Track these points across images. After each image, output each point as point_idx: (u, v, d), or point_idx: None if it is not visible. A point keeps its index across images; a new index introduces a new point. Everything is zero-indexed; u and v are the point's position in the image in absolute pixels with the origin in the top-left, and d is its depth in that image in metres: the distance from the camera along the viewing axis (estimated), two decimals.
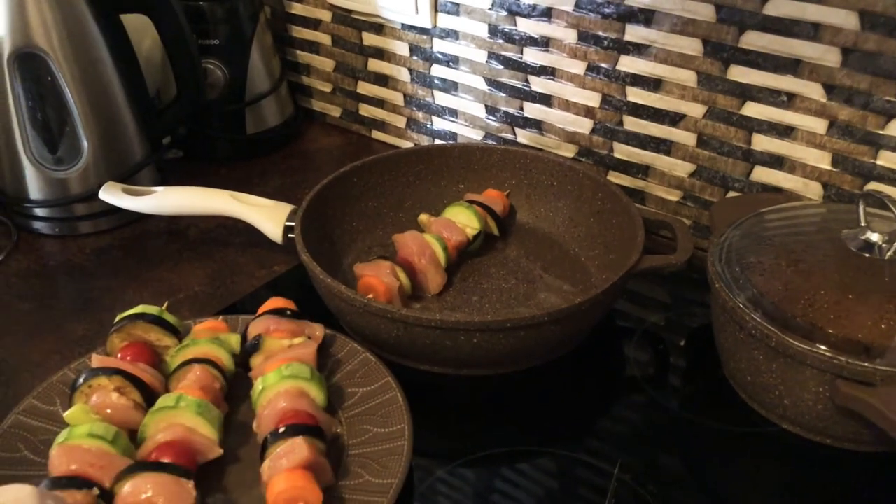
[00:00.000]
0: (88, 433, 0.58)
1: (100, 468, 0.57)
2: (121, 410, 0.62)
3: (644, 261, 0.73)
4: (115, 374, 0.63)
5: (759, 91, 0.80)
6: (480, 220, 0.85)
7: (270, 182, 1.04)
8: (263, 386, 0.63)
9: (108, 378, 0.63)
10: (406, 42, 1.05)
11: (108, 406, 0.62)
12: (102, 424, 0.59)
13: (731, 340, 0.68)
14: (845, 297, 0.63)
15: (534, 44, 0.93)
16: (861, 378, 0.59)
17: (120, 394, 0.63)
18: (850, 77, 0.75)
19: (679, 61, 0.83)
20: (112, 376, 0.63)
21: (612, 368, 0.76)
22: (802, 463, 0.66)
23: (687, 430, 0.69)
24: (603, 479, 0.63)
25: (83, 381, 0.63)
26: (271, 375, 0.63)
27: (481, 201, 0.87)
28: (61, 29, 0.86)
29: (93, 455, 0.57)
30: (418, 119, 1.10)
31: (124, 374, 0.63)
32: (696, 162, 0.88)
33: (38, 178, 0.90)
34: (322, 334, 0.70)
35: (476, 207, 0.86)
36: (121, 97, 0.92)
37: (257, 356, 0.68)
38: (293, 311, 0.70)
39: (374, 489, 0.59)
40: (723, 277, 0.67)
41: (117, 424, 0.61)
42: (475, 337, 0.67)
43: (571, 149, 0.97)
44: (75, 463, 0.57)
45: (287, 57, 1.19)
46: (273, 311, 0.70)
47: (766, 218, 0.74)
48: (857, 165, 0.78)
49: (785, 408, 0.66)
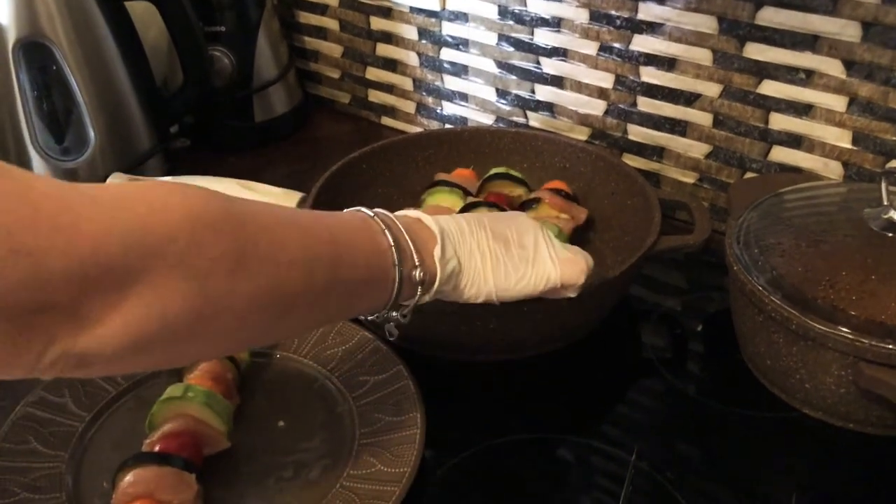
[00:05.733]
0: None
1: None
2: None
3: (661, 242, 0.72)
4: None
5: (777, 69, 0.78)
6: (464, 200, 0.84)
7: (279, 170, 1.03)
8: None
9: None
10: (415, 25, 1.03)
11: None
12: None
13: (750, 324, 0.67)
14: (868, 277, 0.61)
15: (545, 24, 0.91)
16: (885, 361, 0.58)
17: None
18: (871, 52, 0.72)
19: (694, 39, 0.82)
20: None
21: (628, 354, 0.75)
22: (824, 448, 0.65)
23: (705, 416, 0.68)
24: (620, 466, 0.62)
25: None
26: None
27: (454, 181, 0.86)
28: (66, 18, 0.86)
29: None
30: (428, 104, 1.08)
31: None
32: (712, 143, 0.86)
33: (46, 169, 0.90)
34: (584, 217, 0.82)
35: (456, 188, 0.84)
36: (127, 86, 0.92)
37: (530, 212, 0.80)
38: (567, 193, 0.83)
39: (387, 478, 0.58)
40: (741, 259, 0.66)
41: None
42: (492, 322, 0.66)
43: (584, 131, 0.95)
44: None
45: (294, 43, 1.17)
46: (553, 189, 0.83)
47: (784, 198, 0.72)
48: (879, 143, 0.76)
49: (806, 392, 0.64)
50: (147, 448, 0.59)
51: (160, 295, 0.39)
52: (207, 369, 0.65)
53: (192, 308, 0.41)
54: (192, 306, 0.41)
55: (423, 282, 0.53)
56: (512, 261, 0.57)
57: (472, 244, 0.56)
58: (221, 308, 0.42)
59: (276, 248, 0.45)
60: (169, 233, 0.39)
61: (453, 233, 0.56)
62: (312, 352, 0.71)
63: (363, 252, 0.51)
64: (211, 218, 0.42)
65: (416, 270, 0.53)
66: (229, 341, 0.47)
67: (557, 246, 0.60)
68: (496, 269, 0.57)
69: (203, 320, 0.42)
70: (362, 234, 0.51)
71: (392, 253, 0.51)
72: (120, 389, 0.67)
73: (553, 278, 0.58)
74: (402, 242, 0.52)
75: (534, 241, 0.59)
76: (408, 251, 0.53)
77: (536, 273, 0.58)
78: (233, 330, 0.44)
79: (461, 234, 0.56)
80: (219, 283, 0.41)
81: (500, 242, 0.57)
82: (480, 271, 0.56)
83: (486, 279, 0.56)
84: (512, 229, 0.59)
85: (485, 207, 0.80)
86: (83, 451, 0.62)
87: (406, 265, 0.52)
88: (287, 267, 0.45)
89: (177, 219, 0.40)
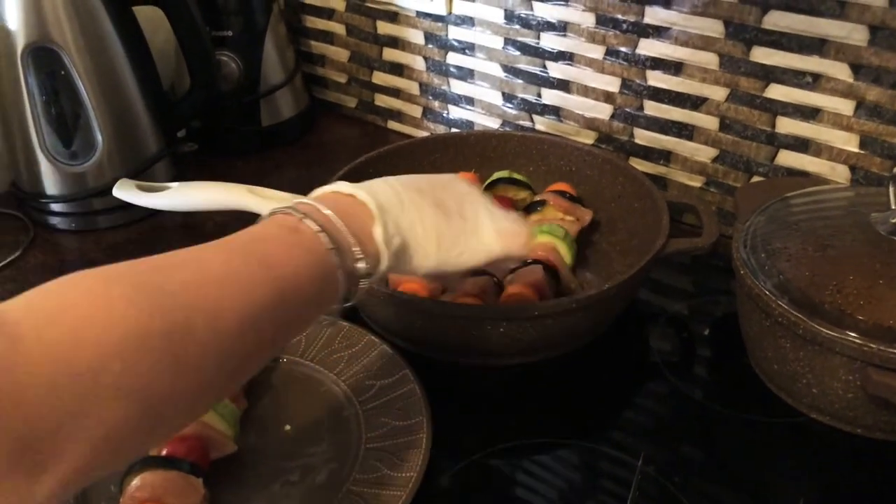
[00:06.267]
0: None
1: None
2: None
3: (670, 244, 0.71)
4: None
5: (784, 72, 0.78)
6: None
7: (286, 174, 1.04)
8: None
9: None
10: (421, 30, 1.03)
11: None
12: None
13: (757, 328, 0.66)
14: (876, 282, 0.61)
15: (551, 28, 0.91)
16: (893, 366, 0.57)
17: None
18: (878, 56, 0.72)
19: (700, 43, 0.81)
20: None
21: (635, 358, 0.75)
22: (832, 454, 0.64)
23: (712, 420, 0.68)
24: (627, 470, 0.61)
25: None
26: (534, 229, 0.77)
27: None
28: (74, 23, 0.86)
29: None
30: (434, 108, 1.08)
31: None
32: (718, 147, 0.86)
33: (54, 174, 0.90)
34: (590, 219, 0.83)
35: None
36: (134, 91, 0.92)
37: (535, 215, 0.82)
38: (571, 195, 0.83)
39: (393, 483, 0.58)
40: (748, 264, 0.66)
41: None
42: (502, 326, 0.66)
43: (591, 135, 0.95)
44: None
45: (301, 48, 1.18)
46: (557, 191, 0.84)
47: (791, 202, 0.72)
48: (887, 147, 0.75)
49: (813, 397, 0.64)
50: (154, 452, 0.59)
51: (107, 423, 0.36)
52: None
53: (143, 420, 0.38)
54: (143, 418, 0.38)
55: (370, 271, 0.51)
56: (453, 232, 0.56)
57: (413, 216, 0.54)
58: (172, 404, 0.40)
59: (215, 323, 0.41)
60: (101, 363, 0.36)
61: (392, 206, 0.53)
62: (319, 356, 0.71)
63: (304, 269, 0.47)
64: (139, 326, 0.38)
65: (359, 263, 0.50)
66: (189, 416, 0.45)
67: (498, 216, 0.59)
68: (440, 241, 0.55)
69: (156, 422, 0.40)
70: (298, 248, 0.48)
71: (332, 256, 0.48)
72: None
73: (495, 251, 0.58)
74: (340, 241, 0.49)
75: (474, 212, 0.57)
76: (347, 246, 0.49)
77: (478, 245, 0.57)
78: (187, 411, 0.43)
79: (401, 206, 0.53)
80: (165, 386, 0.39)
81: (441, 213, 0.55)
82: (423, 245, 0.54)
83: (427, 253, 0.54)
84: (451, 197, 0.57)
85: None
86: None
87: (348, 262, 0.49)
88: (229, 337, 0.42)
89: (106, 342, 0.37)
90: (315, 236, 0.48)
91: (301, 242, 0.48)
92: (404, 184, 0.55)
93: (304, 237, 0.48)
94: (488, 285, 0.72)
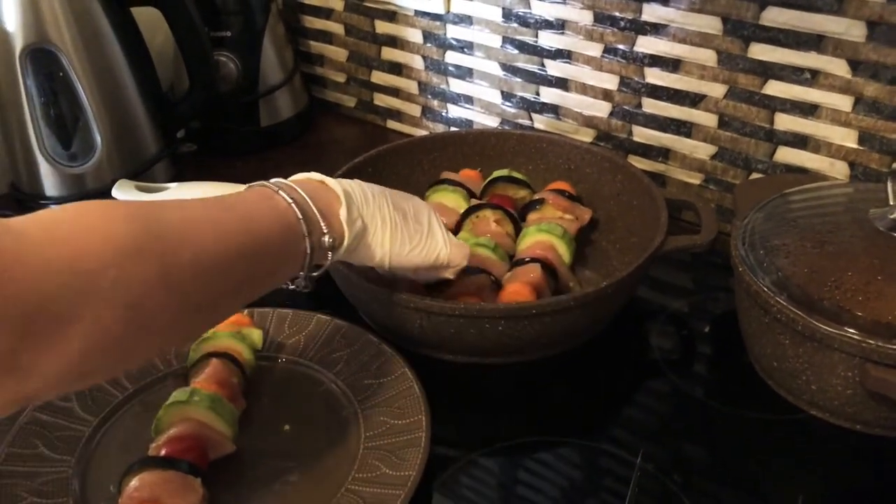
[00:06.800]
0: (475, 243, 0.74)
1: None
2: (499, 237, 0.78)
3: (668, 242, 0.71)
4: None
5: (782, 69, 0.78)
6: (467, 201, 0.84)
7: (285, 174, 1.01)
8: (526, 233, 0.78)
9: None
10: (419, 29, 1.03)
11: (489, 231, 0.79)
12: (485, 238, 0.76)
13: (756, 325, 0.66)
14: (874, 278, 0.60)
15: (549, 27, 0.91)
16: (892, 362, 0.57)
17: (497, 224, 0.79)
18: (877, 51, 0.72)
19: (698, 40, 0.81)
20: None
21: (635, 356, 0.75)
22: (831, 450, 0.64)
23: (712, 417, 0.68)
24: (627, 468, 0.61)
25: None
26: (533, 227, 0.78)
27: (459, 181, 0.86)
28: (73, 24, 0.86)
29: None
30: (433, 107, 1.08)
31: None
32: (717, 144, 0.86)
33: (53, 175, 0.90)
34: (589, 218, 0.83)
35: (460, 188, 0.84)
36: (133, 91, 0.92)
37: (534, 213, 0.81)
38: (570, 194, 0.83)
39: (392, 481, 0.58)
40: (746, 261, 0.65)
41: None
42: (500, 324, 0.66)
43: (590, 133, 0.95)
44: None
45: (300, 47, 1.18)
46: (557, 189, 0.83)
47: (790, 199, 0.72)
48: (885, 143, 0.75)
49: (812, 393, 0.64)
50: (153, 452, 0.59)
51: (99, 325, 0.40)
52: (212, 374, 0.65)
53: (129, 329, 0.42)
54: (130, 328, 0.42)
55: (333, 246, 0.57)
56: (408, 231, 0.62)
57: (374, 208, 0.60)
58: (157, 321, 0.44)
59: (198, 254, 0.47)
60: (99, 267, 0.40)
61: (357, 195, 0.60)
62: (318, 356, 0.71)
63: (276, 234, 0.53)
64: (136, 243, 0.43)
65: (325, 237, 0.56)
66: (162, 344, 0.51)
67: (445, 231, 0.66)
68: (394, 235, 0.61)
69: (140, 335, 0.44)
70: (271, 215, 0.53)
71: (301, 225, 0.54)
72: (126, 394, 0.68)
73: (443, 256, 0.64)
74: (309, 213, 0.55)
75: (428, 220, 0.65)
76: (315, 220, 0.56)
77: (429, 247, 0.64)
78: (166, 334, 0.47)
79: (365, 197, 0.60)
80: (153, 301, 0.43)
81: (399, 213, 0.62)
82: (380, 235, 0.61)
83: (383, 243, 0.61)
84: (409, 206, 0.64)
85: (489, 210, 0.80)
86: (90, 455, 0.63)
87: (315, 234, 0.55)
88: (209, 270, 0.48)
89: (104, 250, 0.41)
90: (287, 207, 0.54)
91: (274, 210, 0.54)
92: (372, 186, 0.62)
93: (277, 205, 0.54)
94: (486, 284, 0.72)
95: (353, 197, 0.59)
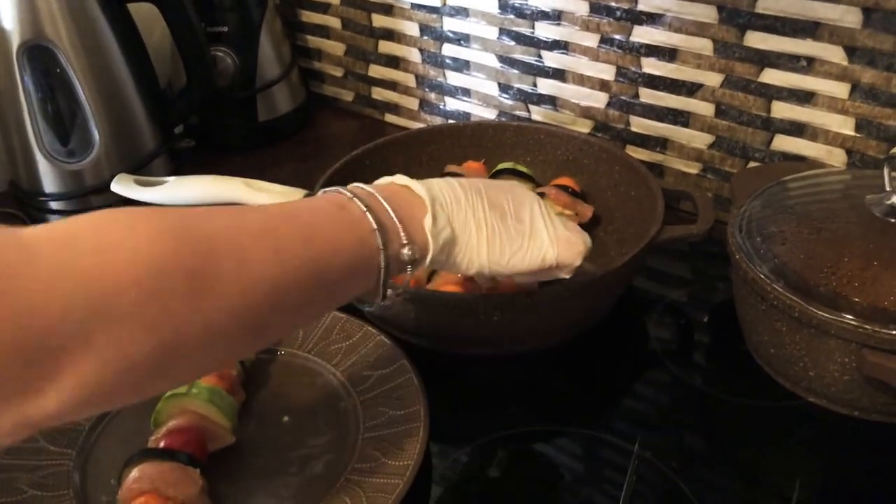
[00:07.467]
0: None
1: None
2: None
3: (665, 231, 0.71)
4: None
5: (778, 57, 0.78)
6: None
7: (284, 168, 1.04)
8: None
9: None
10: (416, 22, 1.03)
11: None
12: None
13: (753, 313, 0.66)
14: (870, 263, 0.61)
15: (545, 17, 0.91)
16: (889, 347, 0.57)
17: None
18: (873, 38, 0.72)
19: (694, 29, 0.81)
20: None
21: (633, 345, 0.75)
22: (830, 436, 0.64)
23: (710, 405, 0.68)
24: (626, 457, 0.61)
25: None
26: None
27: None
28: (69, 21, 0.86)
29: None
30: (431, 100, 1.08)
31: None
32: (714, 133, 0.86)
33: (52, 171, 0.90)
34: (590, 215, 0.82)
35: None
36: (131, 87, 0.92)
37: None
38: (573, 190, 0.83)
39: (391, 471, 0.58)
40: (743, 248, 0.66)
41: None
42: (495, 314, 0.66)
43: (587, 124, 0.95)
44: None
45: (297, 42, 1.18)
46: (559, 185, 0.83)
47: (787, 187, 0.72)
48: (882, 129, 0.75)
49: (810, 380, 0.64)
50: (152, 444, 0.59)
51: (117, 349, 0.37)
52: None
53: (155, 353, 0.39)
54: (156, 351, 0.39)
55: (415, 259, 0.51)
56: (508, 234, 0.54)
57: (467, 213, 0.53)
58: (186, 343, 0.40)
59: (242, 268, 0.42)
60: (117, 286, 0.37)
61: (447, 200, 0.53)
62: (316, 347, 0.71)
63: (344, 244, 0.47)
64: (163, 259, 0.39)
65: (405, 248, 0.50)
66: (199, 367, 0.45)
67: (556, 223, 0.57)
68: (491, 241, 0.54)
69: (168, 359, 0.40)
70: (341, 224, 0.48)
71: (376, 237, 0.48)
72: None
73: (549, 258, 0.56)
74: (385, 222, 0.49)
75: (530, 216, 0.56)
76: (393, 230, 0.50)
77: (532, 249, 0.55)
78: (200, 357, 0.42)
79: (456, 202, 0.53)
80: (177, 322, 0.39)
81: (496, 213, 0.54)
82: (475, 242, 0.53)
83: (479, 251, 0.54)
84: (508, 200, 0.56)
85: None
86: (90, 448, 0.63)
87: (392, 246, 0.49)
88: (254, 289, 0.42)
89: (124, 268, 0.38)
90: (361, 216, 0.48)
91: (345, 219, 0.48)
92: (463, 183, 0.55)
93: (350, 215, 0.48)
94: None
95: (441, 202, 0.52)
